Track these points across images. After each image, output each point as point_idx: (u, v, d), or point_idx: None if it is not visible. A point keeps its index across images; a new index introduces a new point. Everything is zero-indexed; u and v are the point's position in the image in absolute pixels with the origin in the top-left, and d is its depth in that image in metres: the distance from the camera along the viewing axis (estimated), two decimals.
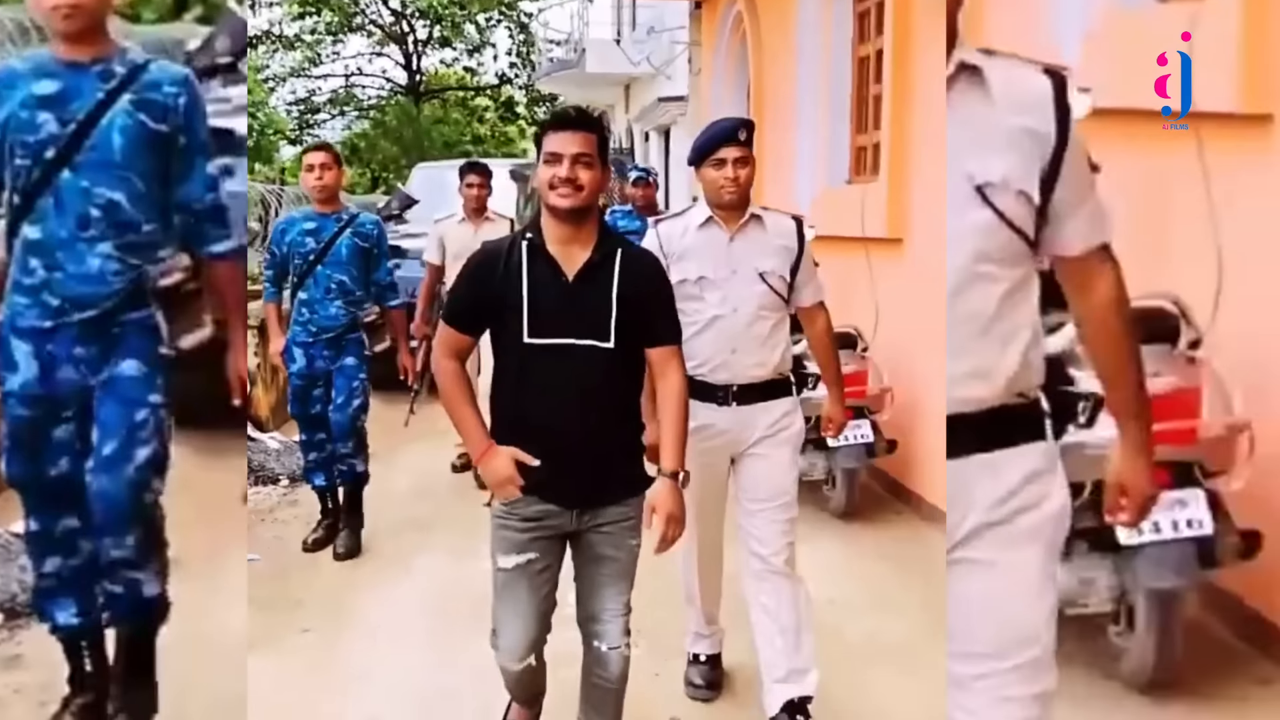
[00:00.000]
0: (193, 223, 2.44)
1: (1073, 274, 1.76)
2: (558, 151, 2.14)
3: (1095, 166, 1.72)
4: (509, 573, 2.26)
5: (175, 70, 2.41)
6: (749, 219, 2.81)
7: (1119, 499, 1.85)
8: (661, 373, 2.27)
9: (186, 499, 2.64)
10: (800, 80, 6.59)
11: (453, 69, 26.64)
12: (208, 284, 2.52)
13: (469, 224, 5.32)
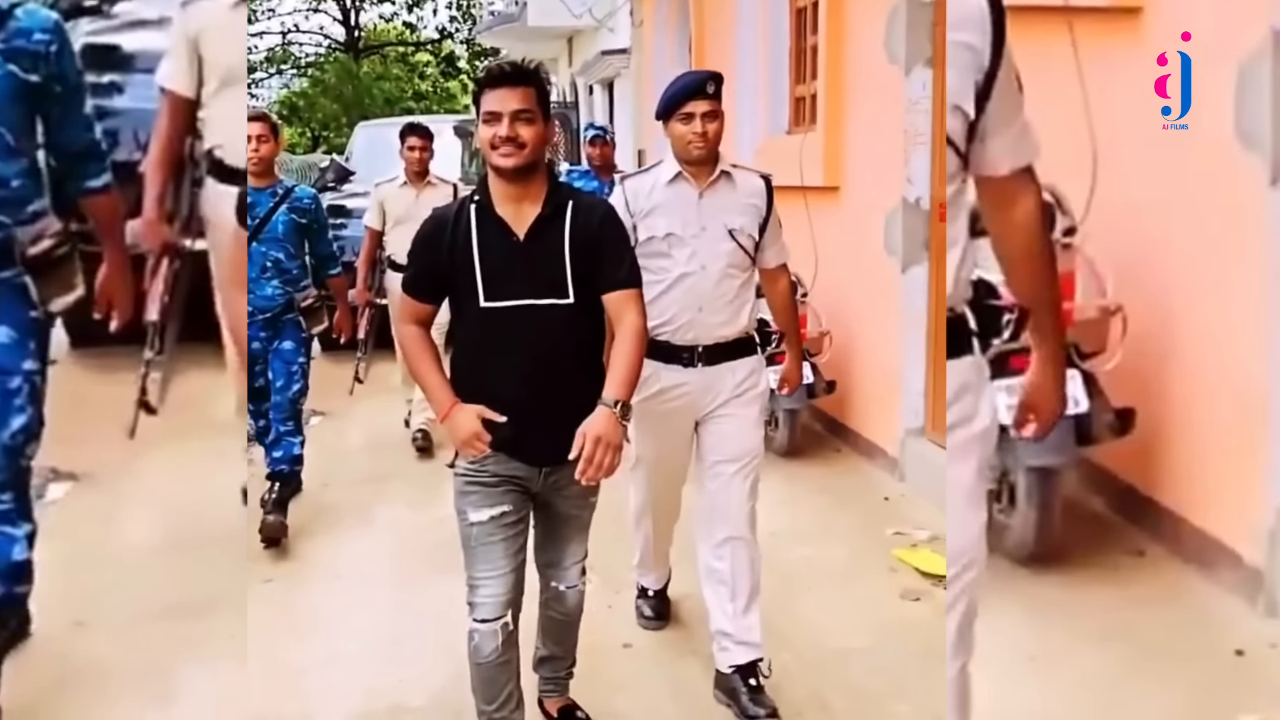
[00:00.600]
0: (70, 163, 2.39)
1: (995, 193, 1.75)
2: (496, 110, 2.08)
3: (1021, 86, 1.72)
4: (483, 525, 2.20)
5: (44, 16, 2.31)
6: (719, 176, 2.74)
7: (1027, 414, 1.89)
8: (618, 317, 2.19)
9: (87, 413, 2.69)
10: (740, 32, 6.67)
11: (392, 24, 26.17)
12: (90, 216, 2.47)
13: (410, 188, 5.14)
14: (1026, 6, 3.33)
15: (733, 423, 2.77)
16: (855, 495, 4.46)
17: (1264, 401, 2.81)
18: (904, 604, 3.35)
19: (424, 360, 2.22)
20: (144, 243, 3.02)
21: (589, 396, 2.14)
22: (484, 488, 2.20)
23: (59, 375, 3.72)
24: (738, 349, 2.78)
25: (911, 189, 4.36)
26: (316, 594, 3.58)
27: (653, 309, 2.62)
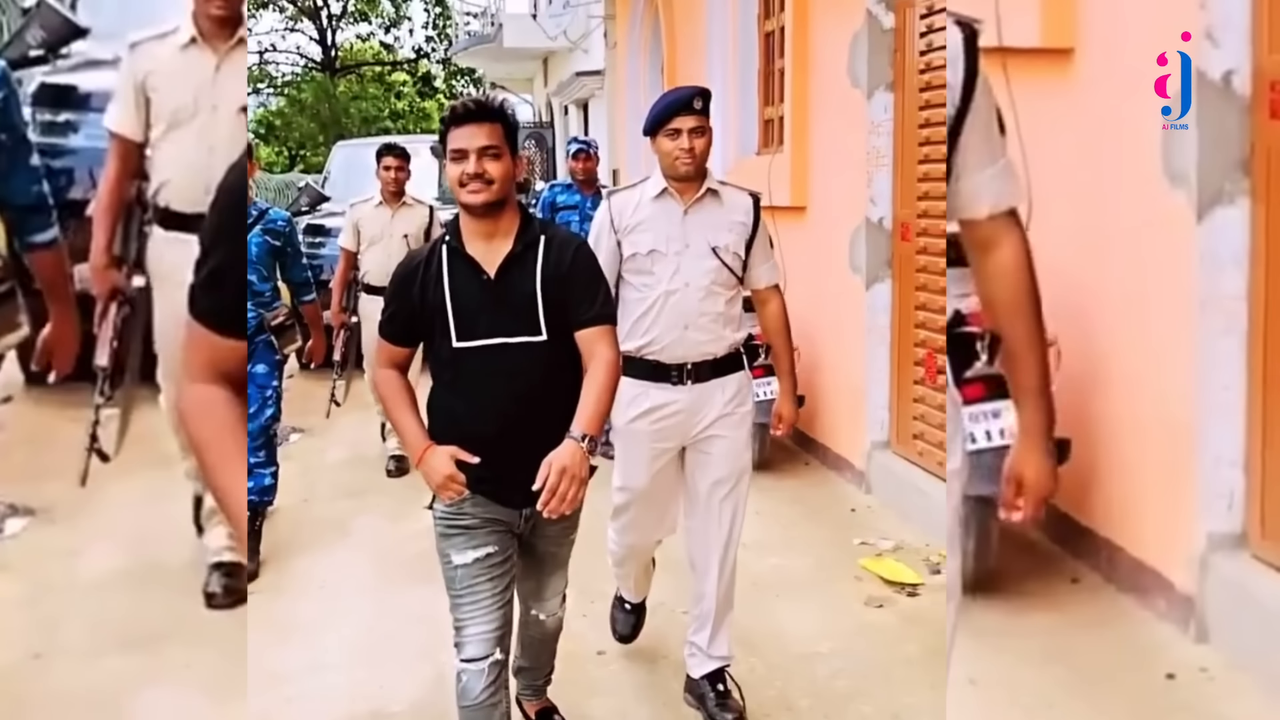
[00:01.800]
0: (15, 216, 2.35)
1: (974, 236, 1.66)
2: (463, 147, 2.07)
3: (1003, 126, 1.66)
4: (468, 568, 2.16)
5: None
6: (705, 192, 2.69)
7: (1014, 493, 1.69)
8: (590, 353, 2.14)
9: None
10: (711, 55, 6.84)
11: (369, 44, 26.29)
12: (34, 272, 2.40)
13: (385, 208, 5.11)
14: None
15: (721, 444, 2.74)
16: (823, 507, 4.59)
17: (1191, 433, 2.89)
18: (868, 610, 3.47)
19: (398, 403, 2.19)
20: (92, 288, 3.03)
21: (560, 438, 2.07)
22: (466, 530, 2.17)
23: (14, 412, 3.83)
24: (726, 366, 2.75)
25: (874, 209, 4.52)
26: (299, 604, 3.67)
27: (639, 326, 2.68)
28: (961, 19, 1.60)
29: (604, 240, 2.74)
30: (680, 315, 2.68)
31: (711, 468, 2.75)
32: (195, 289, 1.41)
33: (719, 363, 2.73)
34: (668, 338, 2.69)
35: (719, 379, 2.73)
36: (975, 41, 1.58)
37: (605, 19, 10.22)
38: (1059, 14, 3.15)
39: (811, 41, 5.22)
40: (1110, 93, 3.11)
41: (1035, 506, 1.68)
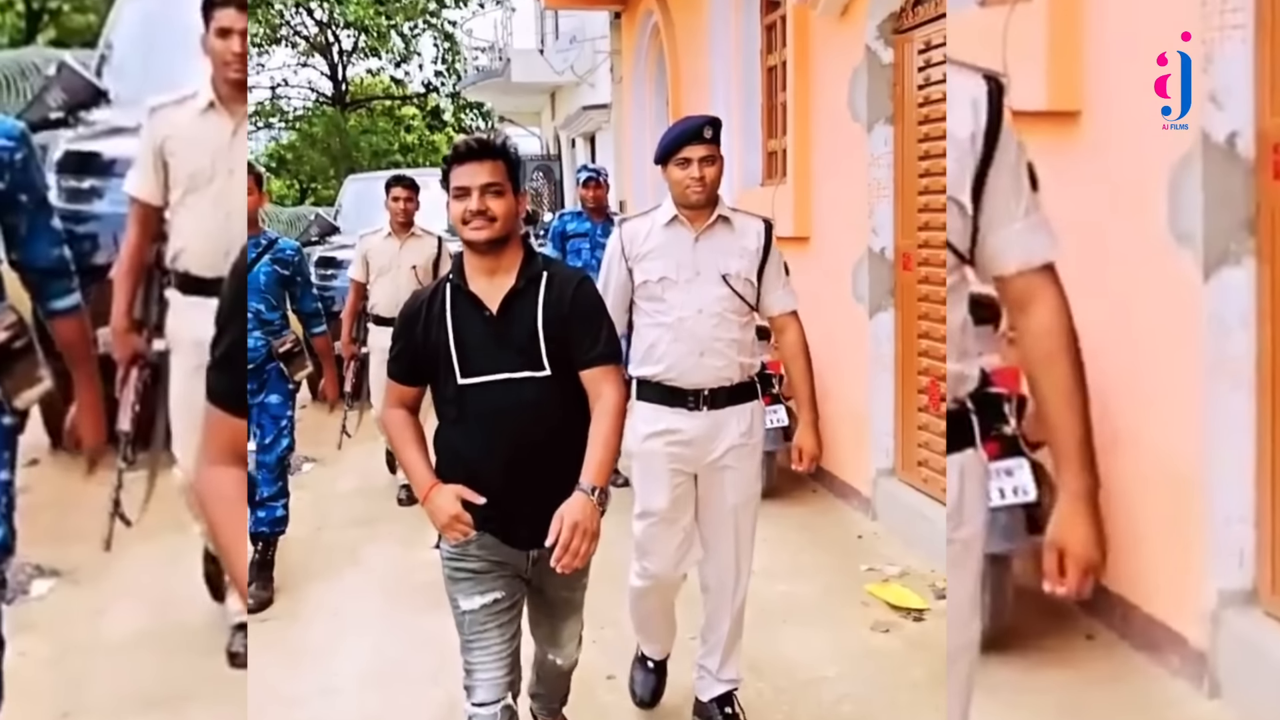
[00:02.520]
0: (36, 279, 2.30)
1: (1008, 295, 1.62)
2: (465, 185, 2.09)
3: (1035, 182, 1.61)
4: (475, 614, 2.16)
5: (9, 124, 2.25)
6: (716, 220, 2.71)
7: (1057, 564, 1.56)
8: (594, 394, 2.14)
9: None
10: (714, 88, 6.96)
11: (379, 78, 26.61)
12: (56, 339, 2.35)
13: (394, 239, 5.15)
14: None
15: (733, 474, 2.75)
16: (830, 533, 4.63)
17: (1201, 490, 2.91)
18: (874, 635, 3.51)
19: (405, 441, 2.19)
20: (113, 353, 3.06)
21: (572, 474, 2.07)
22: (473, 574, 2.16)
23: (40, 475, 3.88)
24: (741, 394, 2.75)
25: (876, 239, 4.60)
26: (312, 629, 3.73)
27: (653, 352, 2.70)
28: (986, 72, 1.58)
29: (615, 268, 2.77)
30: (695, 342, 2.68)
31: (724, 496, 2.76)
32: (210, 371, 1.50)
33: (734, 390, 2.73)
34: (683, 364, 2.69)
35: (734, 407, 2.73)
36: (1000, 95, 1.55)
37: (611, 54, 10.38)
38: (1065, 77, 3.17)
39: (812, 76, 5.33)
40: (1116, 154, 3.13)
41: (1080, 577, 1.55)
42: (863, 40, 4.55)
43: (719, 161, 2.68)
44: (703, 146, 2.64)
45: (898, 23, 4.47)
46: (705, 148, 2.64)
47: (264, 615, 3.84)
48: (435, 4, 24.59)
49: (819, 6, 4.84)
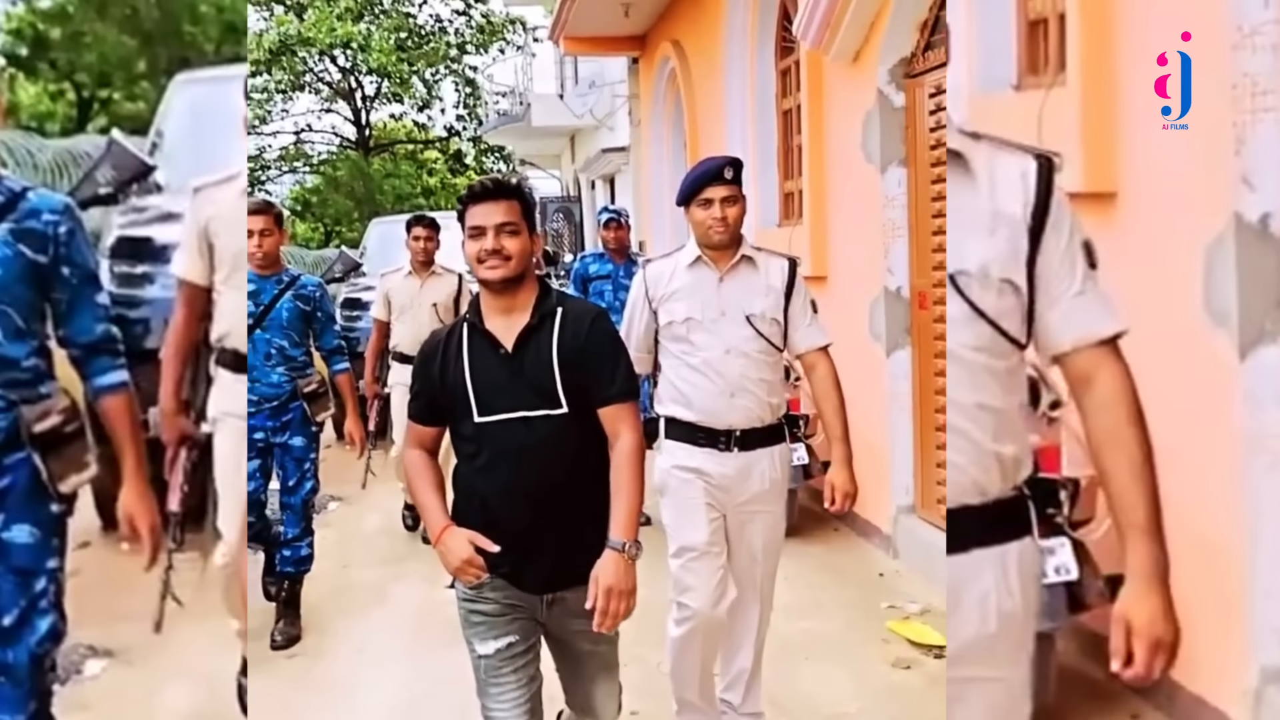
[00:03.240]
0: (83, 354, 2.28)
1: (1069, 372, 1.60)
2: (480, 224, 2.10)
3: (1093, 260, 1.61)
4: (490, 659, 2.16)
5: (55, 199, 2.27)
6: (740, 259, 2.71)
7: (1124, 641, 1.51)
8: (613, 434, 2.14)
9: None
10: (731, 131, 7.09)
11: (401, 123, 27.06)
12: (102, 417, 2.32)
13: (415, 277, 5.21)
14: None
15: (760, 519, 2.76)
16: (851, 571, 4.65)
17: (1241, 567, 2.88)
18: (895, 671, 3.53)
19: (422, 483, 2.20)
20: (161, 435, 3.05)
21: (588, 516, 2.10)
22: (487, 617, 2.15)
23: (92, 556, 3.94)
24: (772, 435, 2.74)
25: (892, 279, 4.67)
26: (339, 665, 3.79)
27: (682, 393, 2.71)
28: (1036, 150, 1.58)
29: (639, 309, 2.80)
30: (725, 382, 2.67)
31: (753, 541, 2.77)
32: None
33: (765, 431, 2.72)
34: (714, 404, 2.68)
35: (764, 448, 2.73)
36: (1050, 172, 1.55)
37: (629, 98, 10.57)
38: (1101, 159, 3.18)
39: (826, 120, 5.43)
40: (1152, 235, 3.14)
41: (1150, 656, 1.49)
42: (874, 84, 4.65)
43: (741, 201, 2.68)
44: (724, 187, 2.64)
45: (908, 67, 4.58)
46: (726, 188, 2.65)
47: (291, 651, 3.91)
48: (456, 50, 25.05)
49: (831, 52, 4.96)
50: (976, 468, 1.58)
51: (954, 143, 1.60)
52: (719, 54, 7.19)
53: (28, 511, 2.20)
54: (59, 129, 14.00)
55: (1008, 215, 1.55)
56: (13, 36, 14.83)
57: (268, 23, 23.21)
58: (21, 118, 14.47)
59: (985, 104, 3.63)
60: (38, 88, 15.17)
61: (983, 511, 1.59)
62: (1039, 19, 3.60)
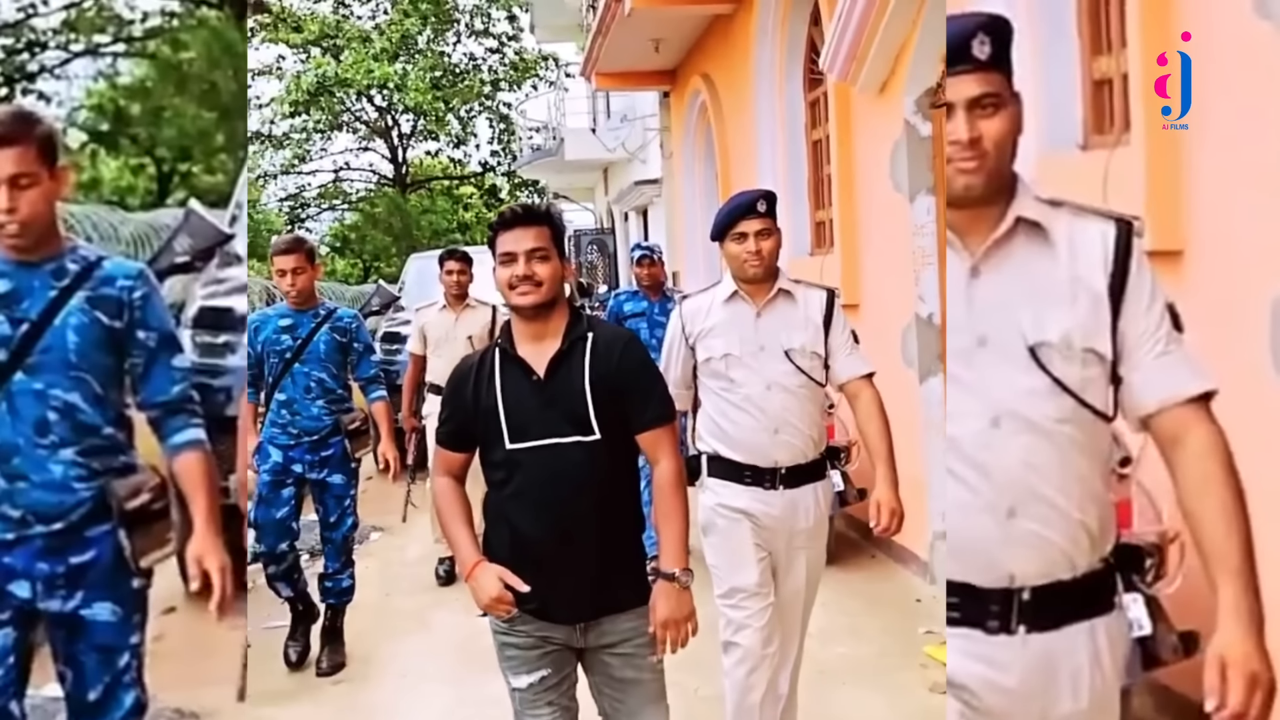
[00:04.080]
0: (156, 415, 2.29)
1: (1158, 435, 1.58)
2: (512, 250, 2.10)
3: (1179, 324, 1.60)
4: (523, 693, 2.17)
5: (129, 265, 2.31)
6: (777, 293, 2.68)
7: (1220, 678, 1.46)
8: (653, 459, 2.15)
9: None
10: (762, 162, 7.19)
11: (437, 159, 27.55)
12: (176, 476, 2.32)
13: (449, 311, 5.25)
14: None
15: (805, 554, 2.75)
16: (888, 597, 4.66)
17: None
18: (932, 696, 3.54)
19: (452, 515, 2.20)
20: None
21: (622, 540, 2.12)
22: (520, 651, 2.15)
23: (178, 621, 4.06)
24: (815, 471, 2.72)
25: (923, 306, 4.72)
26: (382, 692, 3.87)
27: (724, 430, 2.67)
28: (1117, 215, 1.59)
29: (676, 346, 2.77)
30: (768, 419, 2.63)
31: (797, 576, 2.76)
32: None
33: (809, 467, 2.69)
34: (757, 441, 2.65)
35: (810, 484, 2.71)
36: (1130, 236, 1.57)
37: (661, 130, 10.72)
38: (1167, 218, 3.15)
39: (855, 150, 5.51)
40: (1219, 292, 3.10)
41: (1247, 693, 1.44)
42: (901, 115, 4.73)
43: (776, 234, 2.66)
44: (758, 220, 2.62)
45: (934, 97, 4.65)
46: (760, 221, 2.63)
47: (336, 678, 3.99)
48: (490, 87, 25.52)
49: (858, 83, 5.04)
50: (1066, 541, 1.57)
51: (1030, 211, 1.56)
52: (748, 87, 7.31)
53: (110, 589, 2.21)
54: (140, 202, 14.49)
55: (1088, 282, 1.55)
56: (95, 112, 15.37)
57: (305, 65, 23.82)
58: (104, 192, 14.96)
59: (1052, 164, 3.60)
60: (119, 162, 15.68)
61: (1073, 586, 1.58)
62: (1103, 79, 3.60)
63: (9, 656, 2.17)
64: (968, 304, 1.58)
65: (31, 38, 15.22)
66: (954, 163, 1.55)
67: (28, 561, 2.16)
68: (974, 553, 1.60)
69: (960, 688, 1.64)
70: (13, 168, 2.08)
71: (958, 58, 1.54)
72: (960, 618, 1.62)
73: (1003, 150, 1.54)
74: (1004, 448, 1.55)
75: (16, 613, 2.17)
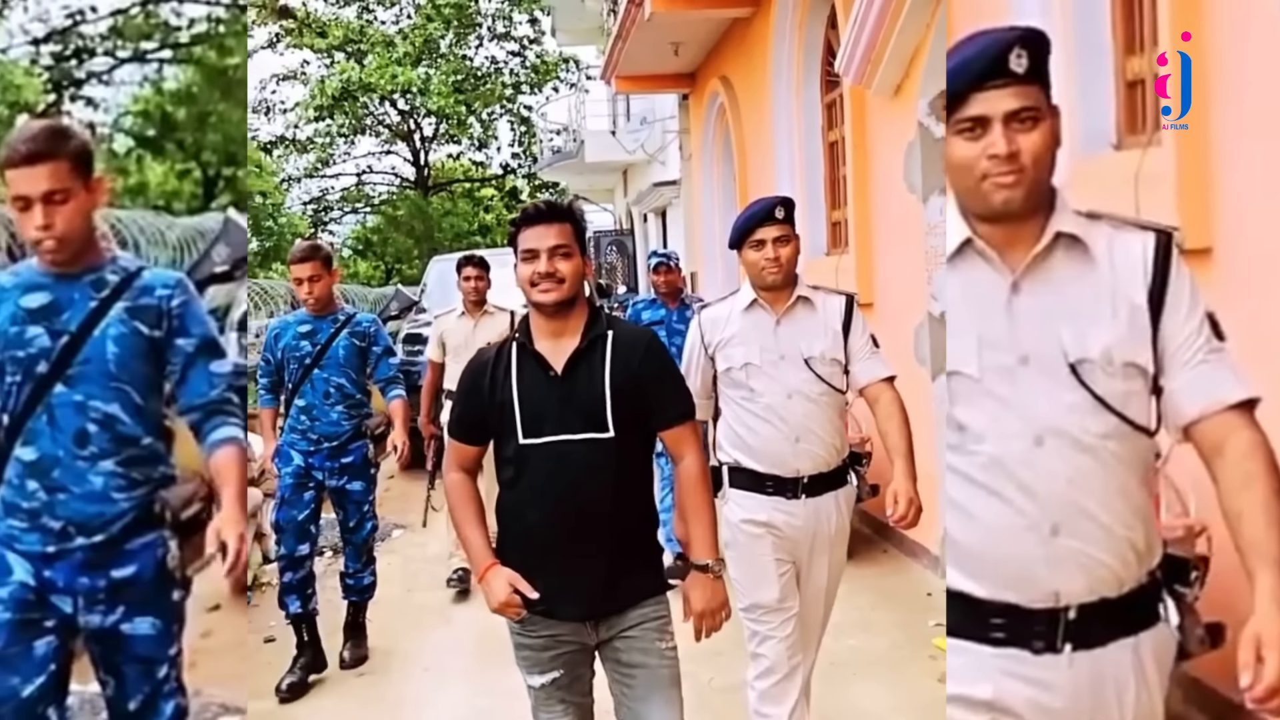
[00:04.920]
0: (197, 418, 2.28)
1: (1199, 443, 1.57)
2: (534, 247, 2.08)
3: (1219, 333, 1.58)
4: (537, 691, 2.20)
5: (168, 275, 2.32)
6: (796, 300, 2.66)
7: (1254, 657, 1.44)
8: (677, 455, 2.16)
9: None
10: (779, 163, 7.25)
11: (459, 162, 27.73)
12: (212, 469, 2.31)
13: (468, 318, 5.20)
14: None
15: (826, 561, 2.74)
16: (900, 591, 4.72)
17: None
18: (940, 687, 3.56)
19: (466, 515, 2.18)
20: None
21: (634, 538, 2.12)
22: (532, 652, 2.17)
23: (223, 619, 4.18)
24: (837, 478, 2.71)
25: (936, 305, 4.77)
26: (406, 684, 3.97)
27: (746, 440, 2.65)
28: (1156, 226, 1.58)
29: (696, 356, 2.75)
30: (789, 428, 2.61)
31: (820, 581, 2.77)
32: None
33: (831, 476, 2.69)
34: (779, 450, 2.62)
35: (832, 492, 2.70)
36: (1169, 248, 1.56)
37: (680, 133, 10.80)
38: (1197, 215, 3.15)
39: (870, 151, 5.57)
40: (1250, 289, 3.12)
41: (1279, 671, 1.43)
42: (915, 117, 4.79)
43: (794, 241, 2.63)
44: (776, 227, 2.60)
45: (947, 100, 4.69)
46: (778, 228, 2.60)
47: (360, 670, 4.10)
48: (512, 90, 25.67)
49: (873, 87, 5.11)
50: (1113, 558, 1.55)
51: (1069, 226, 1.55)
52: (766, 89, 7.38)
53: (150, 604, 2.22)
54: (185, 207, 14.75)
55: (1128, 295, 1.54)
56: (141, 118, 15.61)
57: (330, 70, 24.06)
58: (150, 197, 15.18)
59: (1086, 166, 3.61)
60: (165, 167, 15.92)
61: (1119, 603, 1.57)
62: (1136, 79, 3.63)
63: (50, 664, 2.18)
64: (1009, 320, 1.56)
65: (79, 44, 15.51)
66: (991, 177, 1.52)
67: (69, 576, 2.16)
68: (1018, 572, 1.57)
69: (1004, 711, 1.59)
70: (47, 184, 2.08)
71: (994, 71, 1.53)
72: (1005, 638, 1.59)
73: (1041, 164, 1.53)
74: (1047, 466, 1.53)
75: (58, 624, 2.19)
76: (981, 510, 1.58)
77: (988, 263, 1.57)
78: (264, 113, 25.46)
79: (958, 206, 1.59)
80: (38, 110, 15.81)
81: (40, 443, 2.15)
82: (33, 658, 2.16)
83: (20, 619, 2.16)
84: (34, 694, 2.15)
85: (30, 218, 2.10)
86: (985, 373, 1.56)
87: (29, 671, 2.15)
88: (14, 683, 2.14)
